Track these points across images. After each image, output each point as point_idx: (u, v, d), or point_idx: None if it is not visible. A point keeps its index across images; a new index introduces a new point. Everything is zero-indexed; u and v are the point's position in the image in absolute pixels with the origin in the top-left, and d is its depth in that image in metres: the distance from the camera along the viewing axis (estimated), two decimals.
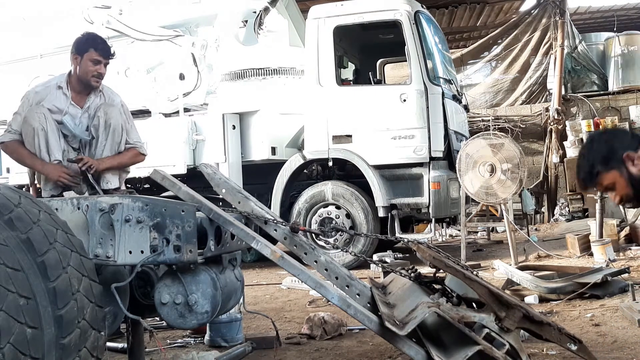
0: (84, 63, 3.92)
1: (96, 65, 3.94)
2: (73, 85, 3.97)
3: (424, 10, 8.16)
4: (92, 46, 3.94)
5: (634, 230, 8.00)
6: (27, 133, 3.78)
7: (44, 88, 3.95)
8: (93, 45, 3.95)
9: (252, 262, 8.55)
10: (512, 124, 13.64)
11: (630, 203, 2.62)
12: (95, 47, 3.94)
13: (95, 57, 3.93)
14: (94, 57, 3.93)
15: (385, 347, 3.84)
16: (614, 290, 5.02)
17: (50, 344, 2.21)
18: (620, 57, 13.56)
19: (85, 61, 3.92)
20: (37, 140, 3.75)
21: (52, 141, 3.78)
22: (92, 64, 3.93)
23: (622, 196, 2.55)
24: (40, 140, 3.76)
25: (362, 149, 7.80)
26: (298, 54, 8.58)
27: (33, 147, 3.78)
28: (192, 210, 2.85)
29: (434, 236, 9.09)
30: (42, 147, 3.77)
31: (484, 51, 15.37)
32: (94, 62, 3.94)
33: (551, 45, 14.13)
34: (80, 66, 3.93)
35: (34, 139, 3.76)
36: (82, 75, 3.94)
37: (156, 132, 8.13)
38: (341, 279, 3.09)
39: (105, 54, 3.98)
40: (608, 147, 2.53)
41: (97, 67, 3.94)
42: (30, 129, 3.76)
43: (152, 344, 4.05)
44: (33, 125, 3.75)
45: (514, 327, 2.72)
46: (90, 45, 3.94)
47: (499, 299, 2.77)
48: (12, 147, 3.90)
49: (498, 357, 2.62)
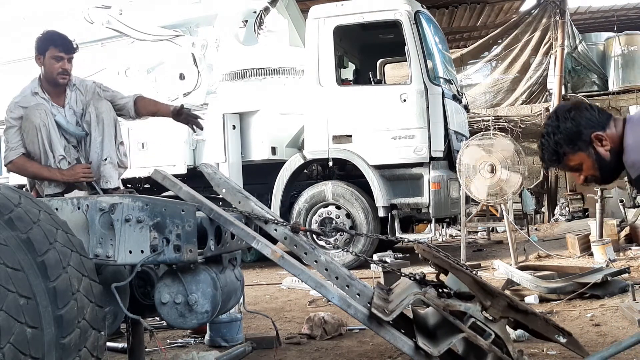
0: (47, 62, 3.83)
1: (59, 61, 3.83)
2: (45, 87, 3.88)
3: (424, 10, 8.16)
4: (51, 44, 3.83)
5: (634, 230, 8.00)
6: (29, 131, 3.70)
7: (23, 97, 3.84)
8: (52, 42, 3.84)
9: (252, 262, 8.55)
10: (512, 124, 13.65)
11: (594, 182, 2.50)
12: (54, 44, 3.83)
13: (57, 54, 3.82)
14: (55, 54, 3.82)
15: (385, 347, 3.84)
16: (614, 290, 5.02)
17: (50, 343, 2.21)
18: (620, 57, 13.57)
19: (48, 60, 3.83)
20: (40, 136, 3.68)
21: (53, 137, 3.73)
22: (54, 61, 3.82)
23: (587, 176, 2.42)
24: (43, 136, 3.69)
25: (362, 149, 7.80)
26: (298, 54, 8.58)
27: (36, 145, 3.71)
28: (192, 210, 2.85)
29: (434, 236, 9.08)
30: (45, 143, 3.70)
31: (484, 51, 15.38)
32: (57, 59, 3.82)
33: (551, 45, 14.15)
34: (45, 66, 3.84)
35: (37, 135, 3.69)
36: (48, 75, 3.85)
37: (156, 132, 8.14)
38: (341, 278, 3.09)
39: (66, 49, 3.86)
40: (575, 126, 2.35)
41: (60, 63, 3.83)
42: (31, 126, 3.69)
43: (152, 343, 4.05)
44: (35, 122, 3.68)
45: (498, 315, 2.74)
46: (49, 43, 3.84)
47: (483, 287, 2.80)
48: (21, 163, 3.77)
49: (482, 345, 2.64)
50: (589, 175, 2.41)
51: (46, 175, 3.77)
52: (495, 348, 2.67)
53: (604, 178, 2.41)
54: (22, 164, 3.77)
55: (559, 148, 2.39)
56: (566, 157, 2.39)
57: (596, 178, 2.42)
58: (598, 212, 7.69)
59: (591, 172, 2.39)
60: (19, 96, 3.85)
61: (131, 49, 9.05)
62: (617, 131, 2.34)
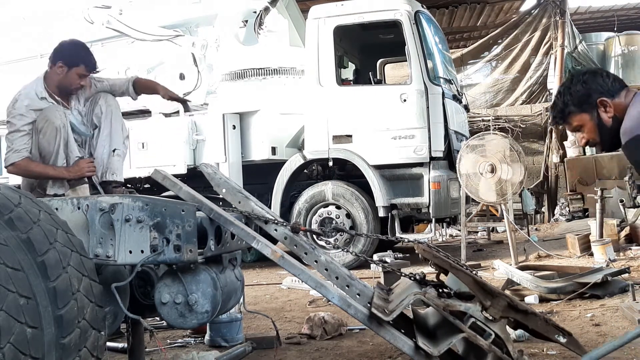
0: (71, 75, 3.84)
1: (82, 79, 3.87)
2: (53, 90, 3.87)
3: (424, 10, 8.16)
4: (82, 62, 3.85)
5: (634, 230, 7.99)
6: (48, 132, 3.69)
7: (31, 100, 3.81)
8: (84, 61, 3.86)
9: (252, 262, 8.55)
10: (512, 124, 13.65)
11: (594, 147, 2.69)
12: (85, 63, 3.85)
13: (84, 72, 3.86)
14: (82, 72, 3.85)
15: (385, 347, 3.84)
16: (614, 290, 5.02)
17: (51, 343, 2.21)
18: (620, 57, 13.58)
19: (73, 74, 3.84)
20: (58, 138, 3.68)
21: (71, 140, 3.76)
22: (78, 78, 3.85)
23: (588, 139, 2.59)
24: (61, 137, 3.70)
25: (362, 149, 7.81)
26: (298, 54, 8.58)
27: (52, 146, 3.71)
28: (192, 209, 2.85)
29: (434, 236, 9.08)
30: (62, 145, 3.71)
31: (484, 51, 15.38)
32: (81, 77, 3.86)
33: (551, 45, 14.14)
34: (66, 77, 3.85)
35: (55, 137, 3.69)
36: (65, 85, 3.86)
37: (156, 132, 8.14)
38: (341, 278, 3.09)
39: (93, 69, 3.91)
40: (585, 89, 2.53)
41: (83, 81, 3.87)
42: (52, 127, 3.68)
43: (153, 343, 4.05)
44: (55, 124, 3.68)
45: (498, 315, 2.75)
46: (81, 60, 3.85)
47: (483, 287, 2.80)
48: (25, 164, 3.76)
49: (482, 345, 2.65)
50: (590, 138, 2.58)
51: (52, 173, 3.77)
52: (495, 348, 2.67)
53: (603, 143, 2.57)
54: (26, 166, 3.77)
55: (566, 107, 2.56)
56: (571, 116, 2.57)
57: (596, 142, 2.59)
58: (598, 212, 7.69)
59: (592, 135, 2.56)
60: (26, 98, 3.80)
61: (131, 49, 9.04)
62: (625, 101, 2.48)
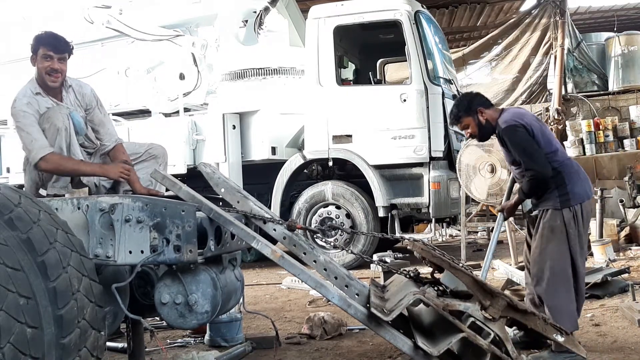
0: (38, 62, 3.75)
1: (47, 61, 3.72)
2: (43, 88, 3.79)
3: (424, 10, 8.16)
4: (41, 43, 3.75)
5: (634, 230, 8.00)
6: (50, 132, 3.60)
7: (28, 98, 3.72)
8: (42, 41, 3.75)
9: (252, 262, 8.55)
10: None
11: (475, 139, 4.06)
12: (44, 43, 3.74)
13: (46, 53, 3.72)
14: (44, 53, 3.72)
15: (385, 347, 3.85)
16: (614, 290, 5.02)
17: (50, 343, 2.21)
18: (620, 57, 13.54)
19: (39, 59, 3.74)
20: (59, 140, 3.58)
21: (73, 141, 3.66)
22: (44, 60, 3.72)
23: (472, 133, 3.92)
24: (62, 140, 3.59)
25: (362, 148, 7.80)
26: (298, 54, 8.58)
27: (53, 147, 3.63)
28: (192, 210, 2.85)
29: (434, 236, 9.08)
30: (63, 147, 3.60)
31: (484, 51, 15.36)
32: (46, 58, 3.72)
33: (551, 45, 14.13)
34: (38, 65, 3.76)
35: (56, 138, 3.58)
36: (40, 73, 3.76)
37: (156, 132, 8.13)
38: (340, 278, 3.09)
39: (55, 48, 3.74)
40: (469, 101, 3.93)
41: (48, 62, 3.71)
42: (54, 128, 3.59)
43: (153, 343, 4.06)
44: (57, 125, 3.59)
45: (497, 315, 2.75)
46: (40, 42, 3.76)
47: (483, 287, 2.80)
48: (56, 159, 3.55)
49: (482, 345, 2.64)
50: (473, 132, 3.92)
51: (84, 169, 3.65)
52: (494, 347, 2.68)
53: (481, 136, 3.96)
54: (58, 160, 3.56)
55: (459, 112, 3.92)
56: (461, 118, 3.92)
57: (476, 136, 3.95)
58: (598, 212, 7.68)
59: (474, 130, 3.90)
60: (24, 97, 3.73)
61: (131, 48, 9.05)
62: (494, 113, 3.88)
